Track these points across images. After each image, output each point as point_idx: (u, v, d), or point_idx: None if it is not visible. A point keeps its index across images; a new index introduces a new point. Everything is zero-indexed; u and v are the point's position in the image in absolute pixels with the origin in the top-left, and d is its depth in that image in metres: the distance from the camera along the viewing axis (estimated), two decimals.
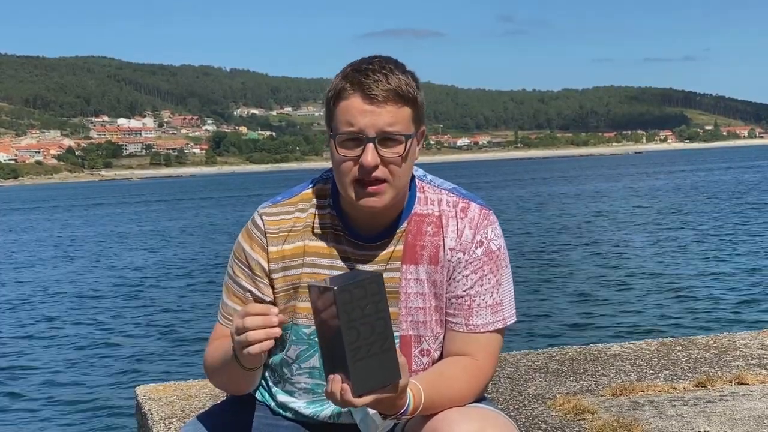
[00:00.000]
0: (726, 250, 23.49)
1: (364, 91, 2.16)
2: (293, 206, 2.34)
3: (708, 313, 15.01)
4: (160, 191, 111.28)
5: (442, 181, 2.38)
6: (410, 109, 2.20)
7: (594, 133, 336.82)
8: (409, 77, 2.21)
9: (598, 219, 36.30)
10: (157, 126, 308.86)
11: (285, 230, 2.32)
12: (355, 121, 2.16)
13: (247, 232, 2.35)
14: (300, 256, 2.30)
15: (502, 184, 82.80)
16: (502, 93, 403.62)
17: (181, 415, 3.91)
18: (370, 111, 2.16)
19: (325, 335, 1.96)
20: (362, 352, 1.92)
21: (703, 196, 47.84)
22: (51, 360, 14.33)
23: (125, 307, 19.24)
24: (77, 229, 48.14)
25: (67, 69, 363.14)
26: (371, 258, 2.29)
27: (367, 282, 1.93)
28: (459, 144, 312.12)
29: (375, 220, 2.27)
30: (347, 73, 2.20)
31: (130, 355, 14.24)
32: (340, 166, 2.20)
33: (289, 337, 2.34)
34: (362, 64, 2.21)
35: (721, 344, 5.02)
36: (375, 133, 2.16)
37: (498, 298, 2.30)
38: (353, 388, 1.93)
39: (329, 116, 2.23)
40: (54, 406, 11.52)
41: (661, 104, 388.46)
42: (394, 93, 2.16)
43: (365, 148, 2.16)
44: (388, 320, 1.95)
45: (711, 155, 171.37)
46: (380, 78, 2.16)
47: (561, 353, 4.96)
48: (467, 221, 2.30)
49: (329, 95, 2.23)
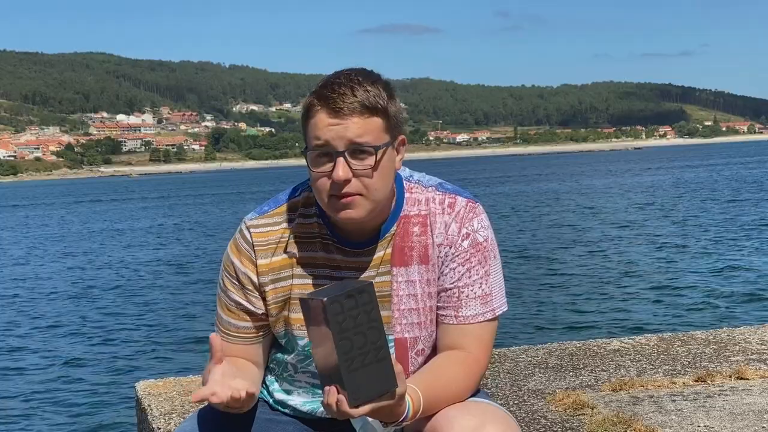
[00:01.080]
0: (726, 245, 23.49)
1: (329, 106, 2.15)
2: (280, 216, 2.33)
3: (707, 308, 15.03)
4: (160, 188, 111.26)
5: (429, 178, 2.37)
6: (380, 119, 2.18)
7: (593, 129, 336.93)
8: (379, 88, 2.18)
9: (598, 215, 36.31)
10: (157, 122, 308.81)
11: (273, 242, 2.31)
12: (322, 135, 2.15)
13: (236, 244, 2.34)
14: (289, 267, 2.30)
15: (501, 180, 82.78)
16: (501, 89, 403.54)
17: (181, 411, 3.91)
18: (336, 124, 2.14)
19: (318, 347, 1.95)
20: (356, 363, 1.91)
21: (704, 192, 47.86)
22: (51, 356, 14.34)
23: (125, 303, 19.24)
24: (77, 225, 48.15)
25: (66, 65, 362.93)
26: (361, 264, 2.29)
27: (357, 291, 1.92)
28: (458, 140, 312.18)
29: (361, 226, 2.26)
30: (316, 89, 2.20)
31: (130, 351, 14.25)
32: (315, 183, 2.20)
33: (290, 344, 2.35)
34: (330, 78, 2.20)
35: (720, 339, 5.02)
36: (344, 146, 2.14)
37: (487, 289, 2.30)
38: (349, 399, 1.92)
39: (303, 133, 2.24)
40: (54, 402, 11.52)
41: (660, 100, 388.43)
42: (360, 105, 2.15)
43: (336, 162, 2.15)
44: (381, 329, 1.95)
45: (710, 151, 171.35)
46: (346, 91, 2.15)
47: (560, 348, 4.96)
48: (453, 215, 2.29)
49: (302, 113, 2.23)
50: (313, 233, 2.31)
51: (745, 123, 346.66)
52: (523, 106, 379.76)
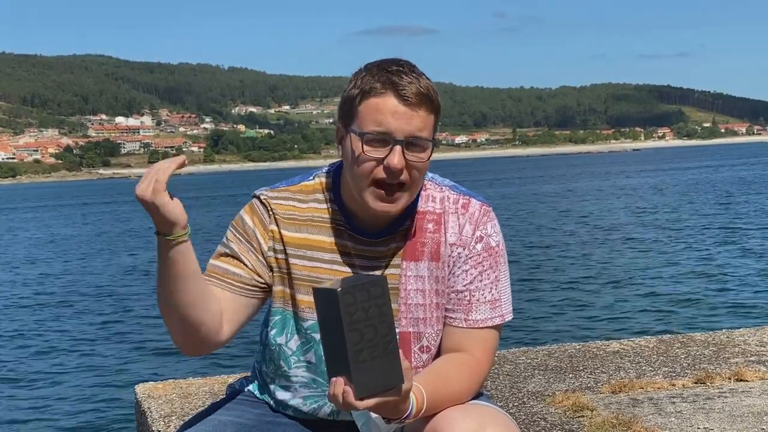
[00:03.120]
0: (726, 246, 23.50)
1: (398, 92, 2.13)
2: (291, 194, 2.33)
3: (707, 310, 15.02)
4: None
5: (443, 179, 2.37)
6: (434, 116, 2.19)
7: (592, 131, 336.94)
8: (432, 84, 2.19)
9: (597, 217, 36.31)
10: (155, 124, 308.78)
11: (285, 216, 2.30)
12: (385, 121, 2.13)
13: (251, 207, 2.34)
14: (300, 247, 2.29)
15: (502, 182, 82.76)
16: (500, 90, 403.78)
17: (180, 413, 3.91)
18: (403, 113, 2.13)
19: (328, 337, 1.95)
20: (365, 355, 1.91)
21: (704, 194, 47.84)
22: (50, 358, 14.32)
23: (125, 305, 19.22)
24: (77, 226, 48.11)
25: (65, 67, 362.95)
26: (371, 254, 2.29)
27: (370, 285, 1.93)
28: (457, 141, 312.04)
29: (379, 218, 2.25)
30: (375, 72, 2.16)
31: (130, 353, 14.24)
32: (360, 166, 2.16)
33: (292, 327, 2.33)
34: (391, 65, 2.17)
35: (720, 341, 5.03)
36: (404, 136, 2.13)
37: (497, 294, 2.30)
38: (355, 391, 1.92)
39: (350, 114, 2.19)
40: (53, 405, 11.51)
41: (659, 102, 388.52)
42: (426, 97, 2.14)
43: (392, 149, 2.13)
44: (392, 324, 1.95)
45: (709, 152, 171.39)
46: (413, 80, 2.14)
47: (560, 350, 4.97)
48: (468, 217, 2.30)
49: (353, 92, 2.18)
50: (326, 218, 2.30)
51: (743, 124, 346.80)
52: (521, 108, 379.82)
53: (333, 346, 1.94)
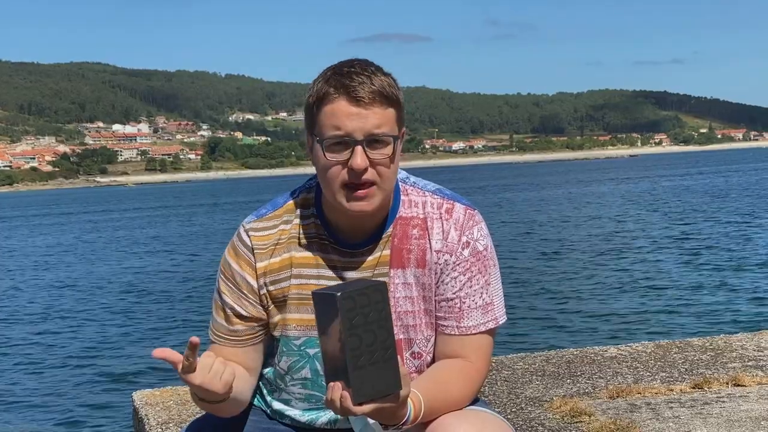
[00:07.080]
0: (722, 252, 23.51)
1: (349, 94, 2.13)
2: (278, 219, 2.32)
3: (704, 315, 15.03)
4: (156, 197, 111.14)
5: (426, 183, 2.36)
6: (394, 110, 2.19)
7: (589, 137, 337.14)
8: (390, 78, 2.19)
9: (595, 223, 36.32)
10: (152, 132, 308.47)
11: (271, 244, 2.29)
12: (342, 124, 2.14)
13: (234, 248, 2.33)
14: (287, 268, 2.29)
15: (499, 188, 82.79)
16: (497, 97, 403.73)
17: (177, 420, 3.91)
18: (357, 113, 2.13)
19: (327, 343, 1.95)
20: (364, 360, 1.91)
21: (704, 197, 47.88)
22: (48, 365, 14.31)
23: (122, 312, 19.21)
24: (77, 233, 48.07)
25: (62, 75, 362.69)
26: (358, 264, 2.28)
27: (370, 290, 1.92)
28: (454, 148, 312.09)
29: (360, 226, 2.25)
30: (329, 76, 2.18)
31: (127, 360, 14.22)
32: (327, 171, 2.18)
33: (280, 349, 2.33)
34: (343, 67, 2.19)
35: (717, 346, 5.03)
36: (363, 135, 2.14)
37: (488, 298, 2.29)
38: (353, 396, 1.92)
39: (311, 122, 2.21)
40: (51, 411, 11.50)
41: (656, 107, 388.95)
42: (379, 94, 2.14)
43: (354, 151, 2.14)
44: (390, 329, 1.94)
45: (706, 158, 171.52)
46: (364, 80, 2.14)
47: (558, 356, 4.97)
48: (452, 222, 2.28)
49: (311, 100, 2.20)
50: (311, 234, 2.29)
51: (740, 130, 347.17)
52: (518, 114, 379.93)
53: (331, 351, 1.94)
